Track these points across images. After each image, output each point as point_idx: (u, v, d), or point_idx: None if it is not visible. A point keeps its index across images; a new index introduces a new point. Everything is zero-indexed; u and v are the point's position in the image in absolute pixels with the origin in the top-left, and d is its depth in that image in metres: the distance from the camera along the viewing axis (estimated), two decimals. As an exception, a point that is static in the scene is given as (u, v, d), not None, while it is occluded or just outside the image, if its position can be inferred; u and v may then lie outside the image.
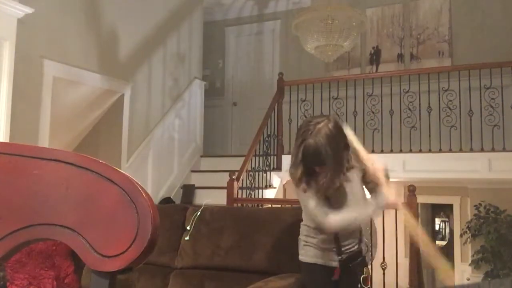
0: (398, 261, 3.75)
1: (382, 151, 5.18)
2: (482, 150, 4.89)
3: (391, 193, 2.03)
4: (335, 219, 2.03)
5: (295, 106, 5.65)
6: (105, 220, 0.64)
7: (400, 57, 6.44)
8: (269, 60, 7.22)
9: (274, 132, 5.60)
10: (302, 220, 2.53)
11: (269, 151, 5.51)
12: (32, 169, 0.68)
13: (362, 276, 2.11)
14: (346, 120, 5.19)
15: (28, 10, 3.62)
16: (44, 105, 4.05)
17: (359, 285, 2.11)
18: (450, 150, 5.01)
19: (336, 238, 2.12)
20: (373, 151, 4.58)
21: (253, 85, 7.25)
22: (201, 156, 6.31)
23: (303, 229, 2.24)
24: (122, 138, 4.94)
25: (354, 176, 2.16)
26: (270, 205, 4.41)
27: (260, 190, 5.17)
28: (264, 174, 5.36)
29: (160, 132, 5.53)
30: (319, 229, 2.13)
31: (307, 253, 2.19)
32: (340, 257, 2.11)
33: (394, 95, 5.25)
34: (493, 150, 4.84)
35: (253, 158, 5.15)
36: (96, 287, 0.65)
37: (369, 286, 2.12)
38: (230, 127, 7.32)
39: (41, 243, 2.61)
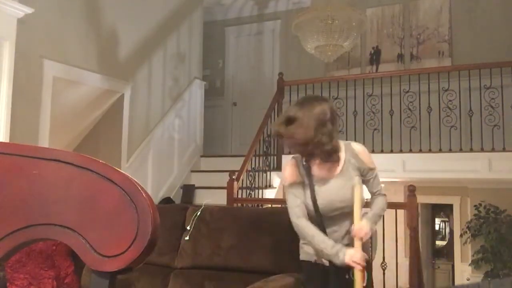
0: (398, 261, 3.75)
1: (382, 151, 5.18)
2: (482, 150, 4.89)
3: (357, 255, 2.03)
4: (298, 225, 2.11)
5: (295, 106, 5.63)
6: (105, 220, 0.64)
7: (400, 57, 6.44)
8: (269, 60, 7.21)
9: (274, 132, 5.60)
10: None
11: (269, 151, 5.51)
12: (32, 169, 0.68)
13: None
14: (346, 120, 5.20)
15: (28, 10, 3.62)
16: (44, 105, 4.05)
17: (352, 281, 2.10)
18: (450, 150, 5.01)
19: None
20: (373, 151, 4.58)
21: (253, 85, 7.24)
22: (201, 156, 6.31)
23: None
24: (122, 138, 4.94)
25: (349, 171, 2.14)
26: (270, 205, 4.41)
27: (260, 190, 5.17)
28: (264, 174, 5.36)
29: (160, 132, 5.53)
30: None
31: (303, 251, 2.24)
32: None
33: (394, 95, 5.25)
34: (493, 150, 4.84)
35: (253, 158, 5.15)
36: (96, 287, 0.65)
37: (364, 284, 2.09)
38: (230, 127, 7.32)
39: (41, 243, 2.61)
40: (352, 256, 1.99)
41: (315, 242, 2.07)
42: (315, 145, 2.02)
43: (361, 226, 2.06)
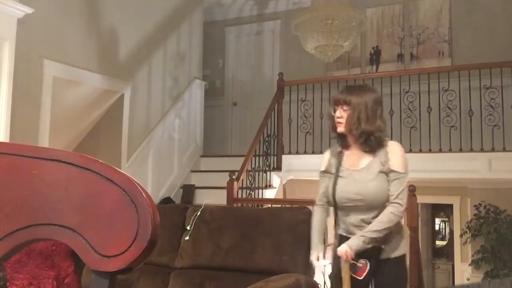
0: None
1: (382, 151, 5.17)
2: (482, 150, 4.89)
3: None
4: (314, 209, 2.33)
5: (295, 106, 5.64)
6: (105, 220, 0.64)
7: (400, 57, 6.44)
8: (269, 60, 7.21)
9: (274, 132, 5.60)
10: (301, 221, 2.57)
11: (269, 151, 5.51)
12: (32, 169, 0.68)
13: (357, 264, 2.09)
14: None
15: (28, 10, 3.62)
16: (44, 105, 4.05)
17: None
18: (450, 150, 5.01)
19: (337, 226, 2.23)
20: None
21: (253, 85, 7.25)
22: (201, 156, 6.31)
23: None
24: (122, 138, 4.94)
25: (374, 167, 2.16)
26: (270, 205, 4.41)
27: (260, 190, 5.17)
28: (264, 174, 5.36)
29: (160, 132, 5.53)
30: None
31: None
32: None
33: (394, 95, 5.25)
34: (493, 150, 4.84)
35: (253, 158, 5.15)
36: (96, 287, 0.65)
37: (361, 277, 2.09)
38: (230, 127, 7.32)
39: (41, 243, 2.61)
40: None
41: (311, 228, 2.28)
42: (368, 131, 2.13)
43: (341, 247, 2.10)
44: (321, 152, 5.49)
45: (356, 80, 5.65)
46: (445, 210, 9.67)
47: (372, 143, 2.14)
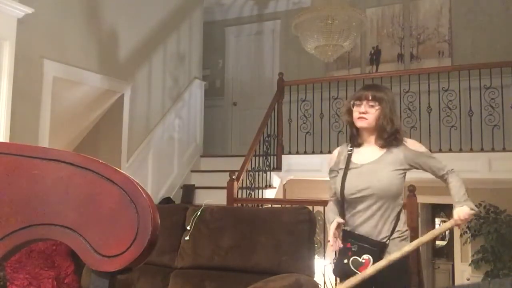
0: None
1: (382, 151, 5.17)
2: (482, 150, 4.89)
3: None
4: (328, 202, 2.35)
5: (295, 106, 5.64)
6: (105, 220, 0.64)
7: (400, 57, 6.44)
8: (269, 60, 7.21)
9: (274, 132, 5.60)
10: (301, 221, 2.57)
11: (269, 151, 5.51)
12: (32, 169, 0.68)
13: (359, 260, 2.10)
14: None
15: (28, 10, 3.62)
16: (44, 105, 4.05)
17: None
18: (450, 150, 5.01)
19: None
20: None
21: (253, 85, 7.25)
22: (201, 156, 6.31)
23: None
24: (122, 138, 4.94)
25: (386, 159, 2.19)
26: (270, 205, 4.41)
27: (260, 190, 5.17)
28: (264, 174, 5.36)
29: (160, 132, 5.53)
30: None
31: None
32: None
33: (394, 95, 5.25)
34: (493, 150, 4.84)
35: (253, 158, 5.15)
36: (96, 287, 0.65)
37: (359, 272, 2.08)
38: (230, 127, 7.32)
39: (41, 243, 2.62)
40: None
41: (326, 217, 2.32)
42: (388, 127, 2.18)
43: (461, 208, 2.28)
44: (321, 152, 5.56)
45: (356, 80, 5.65)
46: (445, 210, 9.66)
47: (394, 139, 2.21)
